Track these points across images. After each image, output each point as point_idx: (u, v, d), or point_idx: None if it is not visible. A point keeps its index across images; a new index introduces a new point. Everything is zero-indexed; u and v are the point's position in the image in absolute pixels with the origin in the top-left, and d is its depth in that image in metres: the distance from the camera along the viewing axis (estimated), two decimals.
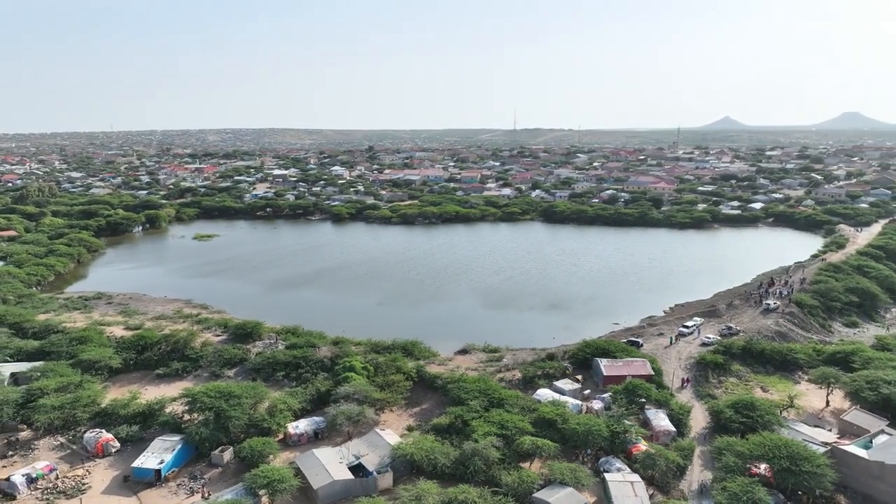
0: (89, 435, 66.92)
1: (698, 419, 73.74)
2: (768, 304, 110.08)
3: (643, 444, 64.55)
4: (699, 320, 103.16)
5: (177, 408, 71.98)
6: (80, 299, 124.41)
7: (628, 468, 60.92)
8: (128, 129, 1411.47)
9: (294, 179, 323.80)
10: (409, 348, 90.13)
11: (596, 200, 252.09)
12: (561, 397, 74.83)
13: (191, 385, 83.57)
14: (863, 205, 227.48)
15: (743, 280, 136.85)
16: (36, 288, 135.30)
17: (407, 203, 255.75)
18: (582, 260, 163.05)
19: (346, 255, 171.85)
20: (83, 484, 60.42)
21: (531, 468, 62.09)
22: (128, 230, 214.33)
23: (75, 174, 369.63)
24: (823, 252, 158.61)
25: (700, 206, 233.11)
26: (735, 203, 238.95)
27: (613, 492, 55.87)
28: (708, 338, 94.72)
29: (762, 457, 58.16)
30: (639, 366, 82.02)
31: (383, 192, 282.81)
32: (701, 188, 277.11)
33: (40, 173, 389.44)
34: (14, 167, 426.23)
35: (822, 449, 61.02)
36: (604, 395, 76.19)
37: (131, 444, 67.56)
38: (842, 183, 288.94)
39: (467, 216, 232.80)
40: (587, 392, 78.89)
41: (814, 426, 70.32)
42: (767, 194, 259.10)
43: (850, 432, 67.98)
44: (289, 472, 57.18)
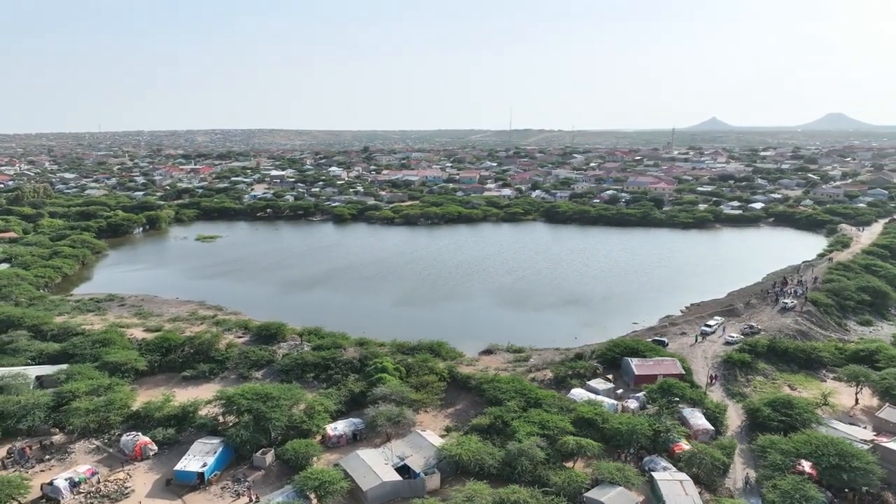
0: (126, 438, 66.07)
1: (731, 417, 74.06)
2: (785, 303, 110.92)
3: (684, 443, 64.77)
4: (720, 319, 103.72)
5: (212, 410, 71.22)
6: (92, 301, 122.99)
7: (673, 467, 61.05)
8: (114, 130, 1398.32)
9: (292, 180, 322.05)
10: (436, 349, 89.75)
11: (597, 201, 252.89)
12: (595, 397, 74.91)
13: (218, 387, 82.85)
14: (861, 204, 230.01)
15: (753, 279, 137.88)
16: (43, 290, 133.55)
17: (408, 204, 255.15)
18: (591, 260, 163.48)
19: (354, 256, 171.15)
20: (126, 488, 59.64)
21: (574, 468, 62.08)
22: (128, 231, 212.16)
23: (68, 175, 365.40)
24: (830, 251, 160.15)
25: (701, 207, 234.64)
26: (735, 203, 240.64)
27: (664, 491, 55.87)
28: (731, 336, 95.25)
29: (809, 454, 58.53)
30: (669, 365, 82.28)
31: (383, 193, 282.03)
32: (700, 188, 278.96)
33: (32, 174, 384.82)
34: (3, 168, 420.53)
35: (865, 446, 61.52)
36: (638, 395, 76.37)
37: (168, 447, 66.89)
38: (838, 183, 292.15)
39: (470, 216, 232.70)
40: (620, 391, 79.01)
41: (849, 424, 70.86)
42: (766, 194, 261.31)
43: (886, 429, 68.62)
44: (339, 474, 56.75)
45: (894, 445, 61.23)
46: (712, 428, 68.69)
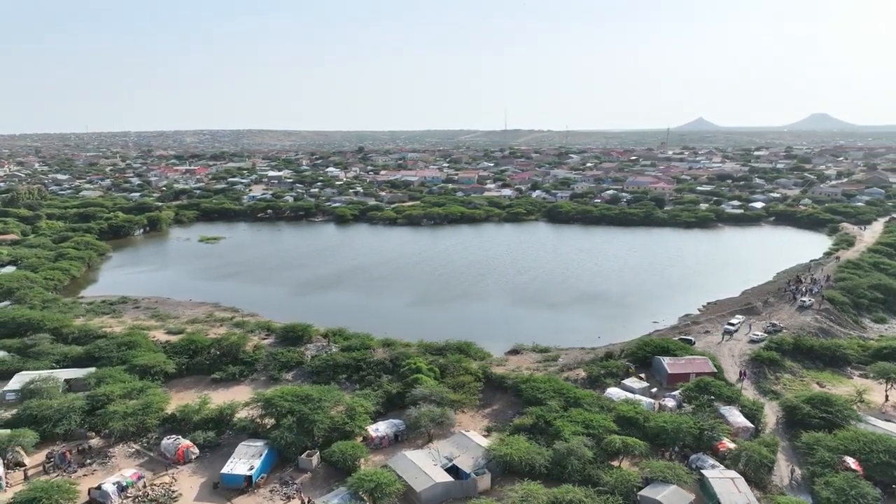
0: (167, 441, 65.31)
1: (767, 414, 74.40)
2: (803, 301, 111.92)
3: (727, 441, 65.05)
4: (741, 317, 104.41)
5: (250, 412, 70.50)
6: (105, 303, 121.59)
7: (721, 465, 61.29)
8: (101, 131, 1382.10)
9: (290, 181, 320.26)
10: (464, 349, 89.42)
11: (598, 201, 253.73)
12: (632, 396, 75.10)
13: (248, 389, 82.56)
14: (859, 203, 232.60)
15: (764, 278, 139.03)
16: (52, 293, 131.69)
17: (410, 204, 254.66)
18: (602, 259, 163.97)
19: (363, 257, 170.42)
20: (172, 492, 58.91)
21: (619, 467, 62.16)
22: (129, 233, 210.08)
23: (61, 176, 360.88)
24: (836, 249, 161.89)
25: (702, 206, 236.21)
26: (735, 202, 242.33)
27: (717, 489, 56.04)
28: (756, 335, 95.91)
29: (856, 451, 59.01)
30: (700, 363, 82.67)
31: (383, 194, 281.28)
32: (700, 188, 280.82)
33: (22, 175, 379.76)
34: None
35: None
36: (674, 393, 76.65)
37: (210, 450, 66.19)
38: (834, 182, 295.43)
39: (472, 217, 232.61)
40: (654, 390, 79.25)
41: (885, 420, 71.49)
42: (765, 193, 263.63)
43: None
44: (393, 476, 56.40)
45: None
46: (752, 426, 69.05)
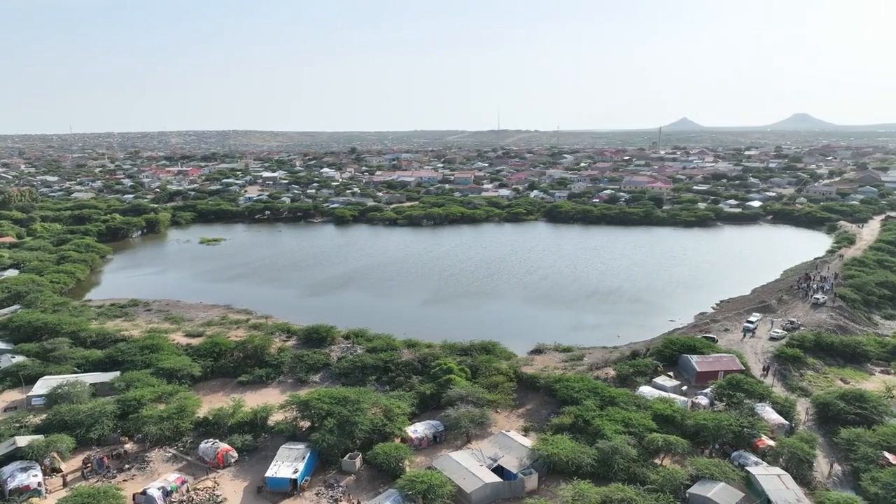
0: (205, 445, 64.45)
1: (798, 411, 75.00)
2: (816, 299, 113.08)
3: (766, 438, 65.46)
4: (759, 315, 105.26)
5: (285, 415, 69.79)
6: (115, 307, 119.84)
7: (763, 462, 61.66)
8: (83, 132, 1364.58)
9: (286, 182, 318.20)
10: (490, 349, 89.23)
11: (597, 200, 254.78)
12: (664, 394, 75.35)
13: (276, 392, 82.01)
14: (854, 202, 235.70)
15: (772, 276, 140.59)
16: (59, 296, 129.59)
17: (409, 205, 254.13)
18: (608, 258, 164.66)
19: (368, 258, 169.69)
20: (217, 496, 58.16)
21: (661, 465, 62.34)
22: (127, 235, 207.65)
23: (50, 178, 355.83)
24: (838, 247, 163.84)
25: (701, 205, 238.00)
26: (733, 201, 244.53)
27: (765, 486, 56.36)
28: (776, 332, 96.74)
29: None
30: (728, 361, 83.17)
31: (380, 194, 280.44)
32: (696, 187, 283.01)
33: (9, 177, 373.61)
34: None
35: None
36: (705, 391, 77.03)
37: (248, 454, 65.47)
38: (827, 181, 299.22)
39: (473, 217, 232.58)
40: (684, 388, 79.58)
41: None
42: (761, 193, 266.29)
43: None
44: (443, 477, 56.07)
45: None
46: (787, 422, 69.57)
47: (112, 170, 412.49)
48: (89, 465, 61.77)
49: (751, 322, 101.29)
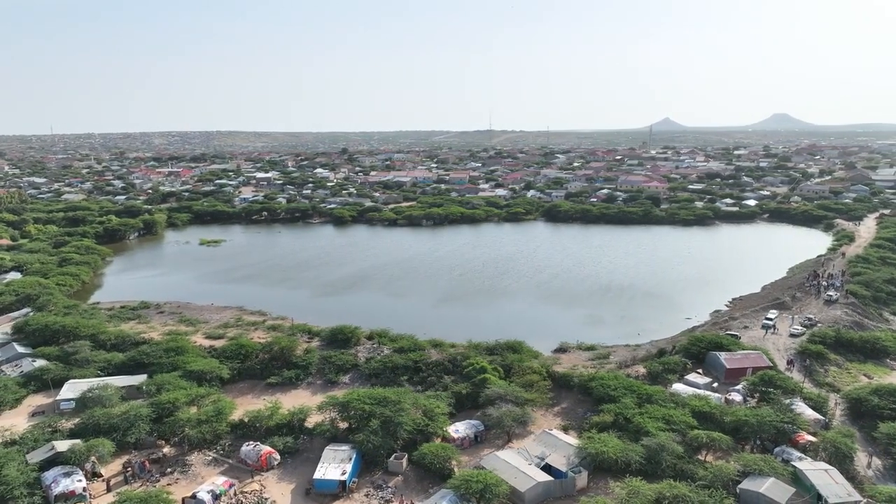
0: (247, 448, 63.68)
1: (831, 406, 75.78)
2: (829, 296, 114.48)
3: (805, 434, 66.06)
4: (776, 312, 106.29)
5: (324, 416, 69.19)
6: (126, 309, 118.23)
7: (807, 457, 62.17)
8: (64, 132, 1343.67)
9: (280, 182, 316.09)
10: (517, 348, 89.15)
11: (594, 200, 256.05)
12: (698, 391, 75.76)
13: (306, 393, 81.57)
14: (847, 200, 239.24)
15: (778, 273, 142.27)
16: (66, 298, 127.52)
17: (408, 205, 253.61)
18: (613, 257, 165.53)
19: (374, 258, 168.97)
20: (265, 499, 57.49)
21: (706, 461, 62.68)
22: (124, 237, 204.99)
23: (37, 179, 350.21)
24: (838, 245, 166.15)
25: (698, 204, 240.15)
26: (729, 200, 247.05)
27: (814, 481, 56.80)
28: (796, 329, 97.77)
29: None
30: (756, 358, 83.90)
31: (377, 195, 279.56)
32: (692, 186, 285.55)
33: None
34: None
35: None
36: (738, 387, 77.60)
37: (289, 456, 64.81)
38: (819, 180, 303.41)
39: (472, 217, 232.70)
40: (715, 385, 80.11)
41: None
42: (755, 191, 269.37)
43: None
44: (496, 477, 55.86)
45: None
46: (823, 417, 70.27)
47: (100, 171, 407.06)
48: (130, 469, 60.74)
49: (769, 319, 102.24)
